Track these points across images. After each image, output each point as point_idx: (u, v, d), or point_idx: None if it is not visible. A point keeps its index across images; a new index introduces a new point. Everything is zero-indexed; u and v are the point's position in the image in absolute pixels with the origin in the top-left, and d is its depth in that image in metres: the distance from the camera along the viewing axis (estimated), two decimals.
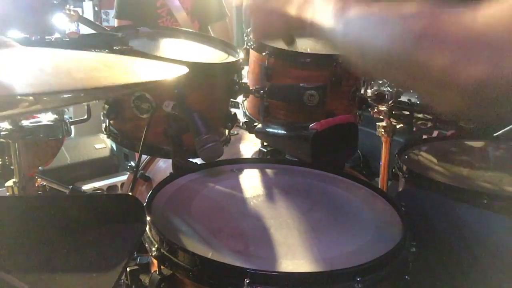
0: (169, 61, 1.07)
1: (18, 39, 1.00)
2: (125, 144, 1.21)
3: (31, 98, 0.50)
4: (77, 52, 0.83)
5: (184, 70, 0.73)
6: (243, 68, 1.27)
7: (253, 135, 1.25)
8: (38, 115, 1.06)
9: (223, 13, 2.57)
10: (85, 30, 3.47)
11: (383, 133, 1.59)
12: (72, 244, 0.67)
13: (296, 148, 1.13)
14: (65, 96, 0.52)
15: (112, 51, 1.05)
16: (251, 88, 1.27)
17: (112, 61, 0.74)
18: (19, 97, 0.49)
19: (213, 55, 1.30)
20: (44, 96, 0.48)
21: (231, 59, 1.26)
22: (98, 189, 2.55)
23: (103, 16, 4.78)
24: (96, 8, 4.81)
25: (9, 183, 0.97)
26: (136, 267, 0.81)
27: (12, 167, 0.97)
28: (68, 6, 1.98)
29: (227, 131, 1.27)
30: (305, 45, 1.41)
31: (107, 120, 1.20)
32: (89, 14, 4.64)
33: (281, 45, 1.37)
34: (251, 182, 1.00)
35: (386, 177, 1.64)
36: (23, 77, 0.56)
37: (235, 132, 1.54)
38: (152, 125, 1.10)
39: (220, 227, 0.79)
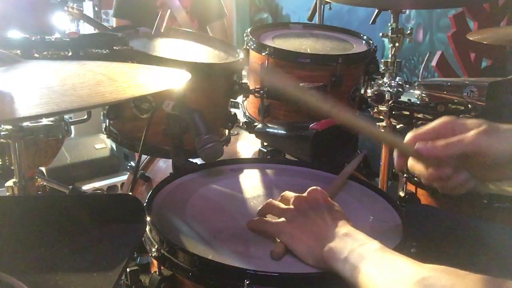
0: (169, 62, 1.07)
1: (19, 39, 1.00)
2: (125, 144, 1.21)
3: None
4: (81, 64, 0.84)
5: (187, 76, 0.74)
6: (243, 68, 1.27)
7: (253, 135, 1.25)
8: None
9: (222, 12, 2.57)
10: (86, 30, 3.47)
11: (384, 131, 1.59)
12: (72, 244, 0.67)
13: (296, 148, 1.13)
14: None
15: (112, 51, 1.05)
16: (251, 88, 1.27)
17: (115, 73, 0.75)
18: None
19: (213, 55, 1.30)
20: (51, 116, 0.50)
21: (231, 59, 1.26)
22: (98, 189, 2.55)
23: (103, 16, 4.78)
24: (96, 8, 4.81)
25: (9, 183, 0.97)
26: (136, 267, 0.81)
27: (12, 167, 0.97)
28: (70, 5, 1.98)
29: (227, 131, 1.27)
30: (305, 45, 1.41)
31: (107, 120, 1.20)
32: (89, 14, 4.63)
33: (281, 45, 1.37)
34: (251, 182, 1.00)
35: (386, 177, 1.64)
36: (30, 96, 0.57)
37: (235, 132, 1.54)
38: (152, 125, 1.10)
39: (220, 228, 0.79)
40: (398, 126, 1.54)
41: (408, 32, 1.53)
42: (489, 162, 0.66)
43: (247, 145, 1.46)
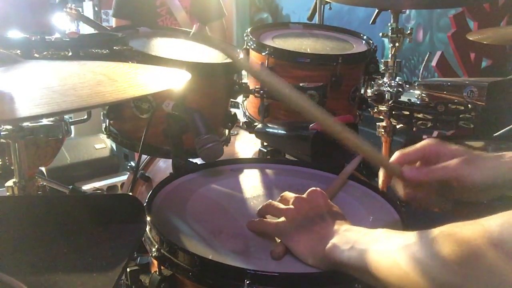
0: (169, 62, 1.07)
1: (19, 39, 1.00)
2: (125, 144, 1.21)
3: None
4: (81, 64, 0.84)
5: (187, 76, 0.74)
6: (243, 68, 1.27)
7: (253, 135, 1.25)
8: None
9: (222, 12, 2.58)
10: (86, 30, 3.48)
11: (383, 133, 1.59)
12: (72, 244, 0.67)
13: (296, 148, 1.13)
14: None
15: (112, 51, 1.05)
16: (251, 88, 1.27)
17: (115, 73, 0.75)
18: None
19: (213, 55, 1.30)
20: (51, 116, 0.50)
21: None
22: (98, 189, 2.55)
23: (103, 16, 4.78)
24: (96, 8, 4.81)
25: (9, 183, 0.97)
26: (136, 267, 0.81)
27: (12, 167, 0.97)
28: (68, 5, 1.98)
29: (227, 131, 1.27)
30: (305, 45, 1.41)
31: (107, 120, 1.20)
32: (89, 14, 4.64)
33: (281, 45, 1.37)
34: (251, 182, 1.00)
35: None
36: (30, 96, 0.57)
37: (235, 132, 1.54)
38: (152, 125, 1.10)
39: (220, 228, 0.79)
40: (398, 126, 1.54)
41: (408, 32, 1.53)
42: (468, 188, 0.72)
43: (247, 145, 1.46)
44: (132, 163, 1.66)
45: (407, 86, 1.58)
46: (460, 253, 0.50)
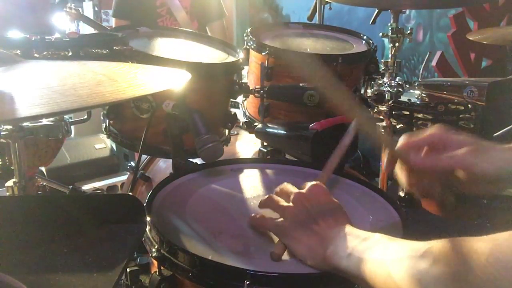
0: (169, 62, 1.07)
1: (19, 39, 1.00)
2: (125, 144, 1.21)
3: None
4: (81, 64, 0.84)
5: (187, 76, 0.74)
6: (243, 68, 1.27)
7: (253, 135, 1.25)
8: None
9: (222, 12, 2.58)
10: (86, 30, 3.48)
11: (383, 133, 1.59)
12: (72, 244, 0.67)
13: (296, 148, 1.13)
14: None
15: (112, 51, 1.05)
16: (251, 88, 1.27)
17: (115, 73, 0.75)
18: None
19: (213, 55, 1.30)
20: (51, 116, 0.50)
21: (231, 59, 1.26)
22: (98, 189, 2.55)
23: (103, 16, 4.79)
24: (96, 8, 4.81)
25: (9, 183, 0.97)
26: (136, 267, 0.81)
27: (12, 167, 0.97)
28: (68, 5, 1.99)
29: (227, 131, 1.27)
30: (305, 45, 1.41)
31: (107, 120, 1.20)
32: (89, 14, 4.63)
33: (281, 45, 1.37)
34: (251, 182, 1.00)
35: (386, 177, 1.64)
36: (30, 96, 0.57)
37: (235, 132, 1.54)
38: (152, 125, 1.10)
39: (220, 228, 0.79)
40: (398, 126, 1.54)
41: (408, 32, 1.53)
42: (475, 179, 0.71)
43: (247, 145, 1.46)
44: (132, 163, 1.66)
45: (407, 86, 1.58)
46: (452, 272, 0.49)
